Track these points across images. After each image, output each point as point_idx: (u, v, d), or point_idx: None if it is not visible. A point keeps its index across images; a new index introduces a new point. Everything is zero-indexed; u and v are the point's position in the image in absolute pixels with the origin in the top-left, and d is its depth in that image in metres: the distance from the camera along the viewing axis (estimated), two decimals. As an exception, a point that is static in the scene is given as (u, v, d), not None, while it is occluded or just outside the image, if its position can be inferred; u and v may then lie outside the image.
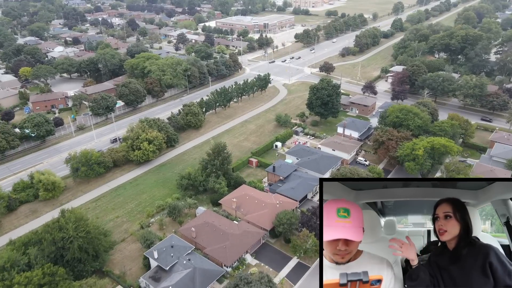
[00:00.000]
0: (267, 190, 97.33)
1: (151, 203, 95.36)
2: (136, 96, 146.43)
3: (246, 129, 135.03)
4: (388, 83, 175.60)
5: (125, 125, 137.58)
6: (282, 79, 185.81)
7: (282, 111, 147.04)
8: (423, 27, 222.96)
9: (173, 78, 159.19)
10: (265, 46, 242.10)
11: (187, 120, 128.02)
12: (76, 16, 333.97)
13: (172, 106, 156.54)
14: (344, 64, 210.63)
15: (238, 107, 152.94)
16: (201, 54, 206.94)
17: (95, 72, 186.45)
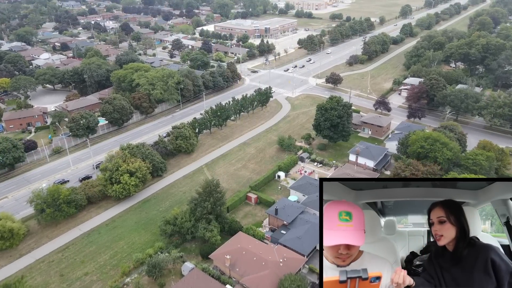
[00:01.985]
0: (268, 238, 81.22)
1: (129, 253, 79.23)
2: (121, 114, 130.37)
3: (245, 153, 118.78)
4: (402, 97, 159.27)
5: (108, 147, 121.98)
6: (284, 91, 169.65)
7: (285, 131, 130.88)
8: (437, 33, 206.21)
9: (164, 92, 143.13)
10: (266, 53, 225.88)
11: (177, 144, 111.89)
12: (68, 20, 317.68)
13: (163, 123, 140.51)
14: (352, 74, 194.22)
15: (236, 126, 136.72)
16: (197, 62, 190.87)
17: (80, 83, 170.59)
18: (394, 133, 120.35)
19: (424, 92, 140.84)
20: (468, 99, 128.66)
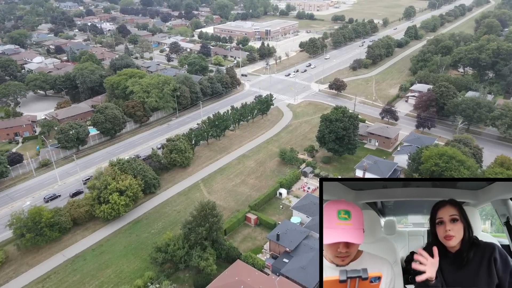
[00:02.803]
0: (268, 266, 74.10)
1: (116, 284, 72.09)
2: (114, 123, 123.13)
3: (244, 167, 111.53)
4: (409, 105, 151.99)
5: (99, 160, 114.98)
6: (286, 98, 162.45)
7: (287, 142, 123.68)
8: (444, 37, 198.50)
9: (159, 100, 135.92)
10: (267, 57, 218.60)
11: (171, 158, 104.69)
12: (63, 21, 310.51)
13: (158, 133, 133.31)
14: (356, 79, 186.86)
15: (235, 137, 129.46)
16: (195, 67, 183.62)
17: (73, 89, 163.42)
18: (403, 145, 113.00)
19: (433, 100, 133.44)
20: (480, 108, 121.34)
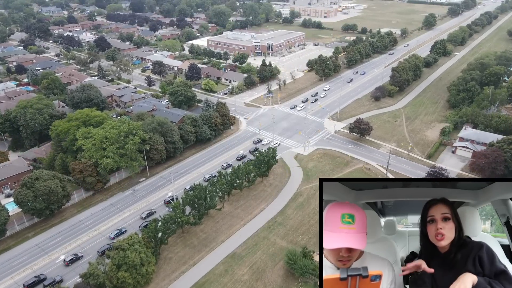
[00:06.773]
0: None
1: None
2: (49, 201, 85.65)
3: (233, 280, 73.64)
4: (458, 158, 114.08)
5: (19, 262, 77.59)
6: (293, 144, 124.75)
7: (296, 228, 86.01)
8: (490, 60, 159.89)
9: (120, 159, 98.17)
10: (268, 80, 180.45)
11: (119, 279, 66.86)
12: (35, 32, 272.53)
13: (118, 206, 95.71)
14: (381, 113, 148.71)
15: (222, 217, 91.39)
16: (178, 97, 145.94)
17: (16, 131, 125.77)
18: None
19: (501, 162, 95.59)
20: None
